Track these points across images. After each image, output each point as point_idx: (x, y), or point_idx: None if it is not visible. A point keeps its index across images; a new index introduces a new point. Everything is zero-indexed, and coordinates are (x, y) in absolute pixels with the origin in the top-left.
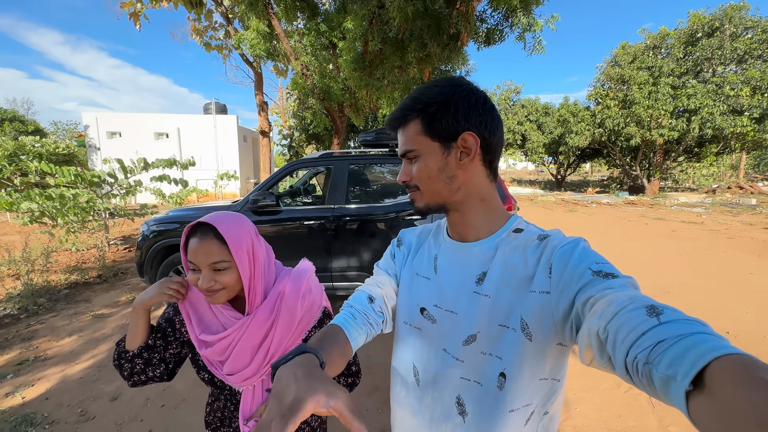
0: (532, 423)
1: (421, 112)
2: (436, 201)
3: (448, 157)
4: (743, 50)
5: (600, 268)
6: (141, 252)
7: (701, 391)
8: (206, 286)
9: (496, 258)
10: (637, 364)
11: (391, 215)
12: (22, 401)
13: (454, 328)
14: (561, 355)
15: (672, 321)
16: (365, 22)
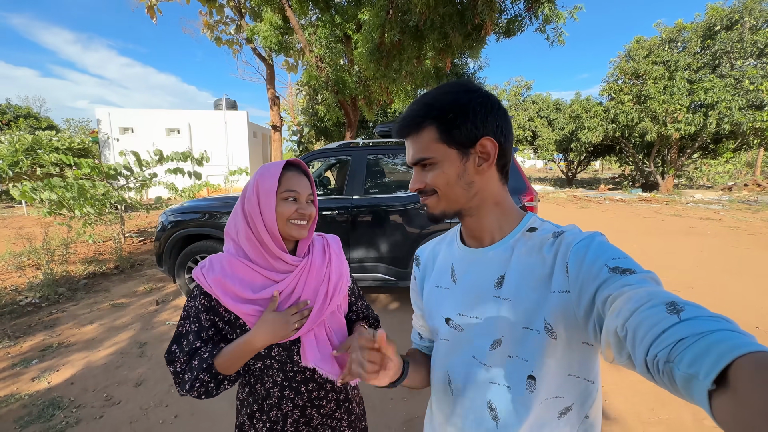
0: (570, 420)
1: (436, 119)
2: (453, 208)
3: (467, 163)
4: (764, 43)
5: (617, 263)
6: (159, 242)
7: (725, 390)
8: (309, 212)
9: (513, 260)
10: (657, 362)
11: (409, 206)
12: (48, 385)
13: (479, 334)
14: (588, 353)
15: (693, 318)
16: (383, 12)
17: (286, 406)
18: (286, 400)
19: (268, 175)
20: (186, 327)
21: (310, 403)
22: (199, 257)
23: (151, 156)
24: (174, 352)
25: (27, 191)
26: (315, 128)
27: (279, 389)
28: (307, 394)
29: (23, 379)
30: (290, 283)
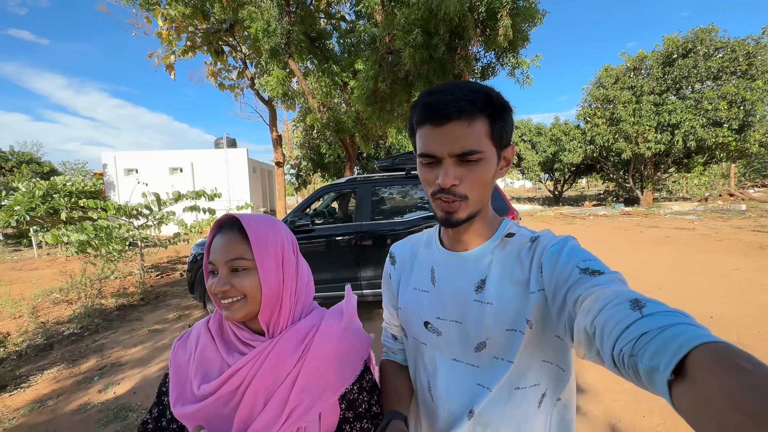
0: (546, 407)
1: (492, 113)
2: (477, 209)
3: (498, 164)
4: (716, 68)
5: (587, 265)
6: (191, 272)
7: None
8: (218, 289)
9: (493, 265)
10: (623, 356)
11: (407, 229)
12: (114, 395)
13: (461, 337)
14: (560, 346)
15: (654, 313)
16: (376, 65)
17: None
18: None
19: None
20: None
21: None
22: None
23: (169, 196)
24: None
25: (57, 234)
26: (312, 161)
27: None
28: None
29: (91, 392)
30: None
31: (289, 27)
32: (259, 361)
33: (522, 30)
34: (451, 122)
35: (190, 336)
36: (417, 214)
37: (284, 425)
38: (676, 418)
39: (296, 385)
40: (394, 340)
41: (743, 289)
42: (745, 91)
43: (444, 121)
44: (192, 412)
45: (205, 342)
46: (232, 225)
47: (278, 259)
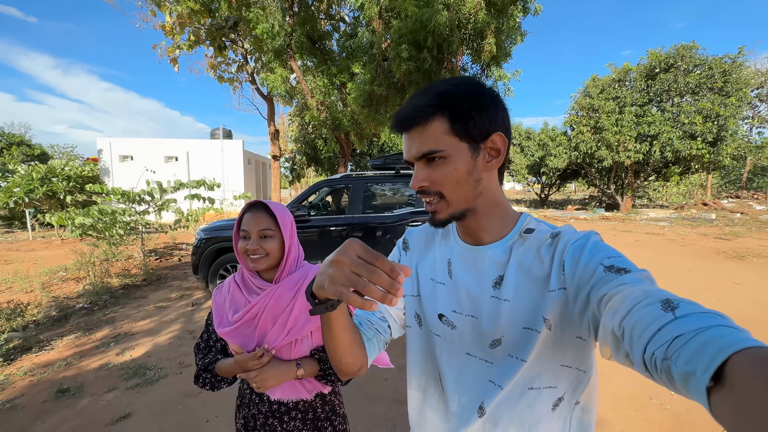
0: (563, 411)
1: (449, 110)
2: (462, 208)
3: (477, 158)
4: (695, 83)
5: (612, 262)
6: (196, 255)
7: (722, 386)
8: (253, 248)
9: (511, 261)
10: (655, 360)
11: (398, 223)
12: (131, 357)
13: (476, 332)
14: (582, 348)
15: (688, 315)
16: (373, 71)
17: (253, 408)
18: (253, 403)
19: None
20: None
21: (272, 414)
22: (229, 266)
23: (171, 183)
24: (198, 344)
25: (63, 217)
26: (307, 156)
27: (249, 392)
28: (267, 404)
29: (110, 355)
30: (256, 305)
31: (292, 29)
32: (267, 298)
33: (505, 47)
34: (411, 130)
35: (223, 286)
36: (405, 209)
37: (286, 338)
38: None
39: (293, 313)
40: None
41: (691, 288)
42: (719, 107)
43: (404, 129)
44: (229, 331)
45: (234, 288)
46: (260, 207)
47: (290, 230)
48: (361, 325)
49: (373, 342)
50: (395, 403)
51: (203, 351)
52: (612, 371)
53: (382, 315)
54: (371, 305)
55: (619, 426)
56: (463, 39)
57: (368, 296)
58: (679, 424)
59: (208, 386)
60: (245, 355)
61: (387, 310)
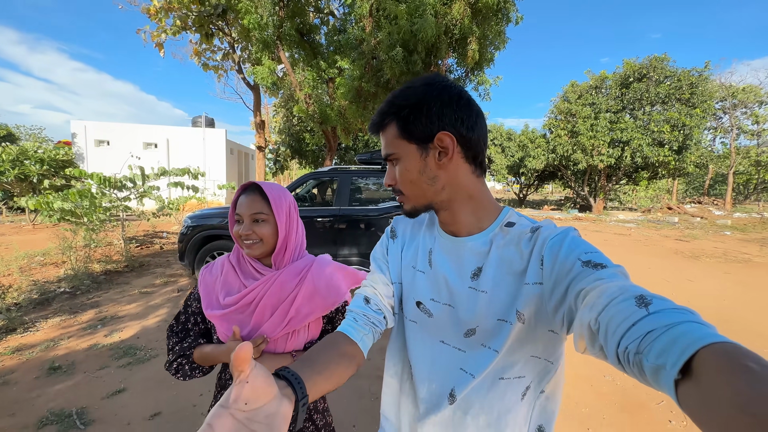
0: (529, 399)
1: (395, 116)
2: (421, 203)
3: (427, 158)
4: (664, 94)
5: (589, 258)
6: (183, 243)
7: (689, 378)
8: (245, 233)
9: (491, 253)
10: (628, 354)
11: (382, 216)
12: (119, 339)
13: (452, 321)
14: (553, 340)
15: (660, 311)
16: (362, 68)
17: None
18: None
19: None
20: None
21: None
22: (216, 253)
23: (154, 170)
24: (172, 326)
25: (41, 201)
26: (291, 148)
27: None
28: None
29: (98, 336)
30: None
31: (281, 21)
32: (268, 284)
33: (488, 53)
34: (378, 133)
35: (214, 266)
36: (389, 203)
37: (285, 328)
38: None
39: (295, 302)
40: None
41: (648, 283)
42: (685, 117)
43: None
44: (219, 314)
45: (228, 270)
46: (254, 189)
47: (287, 213)
48: (356, 320)
49: (368, 336)
50: (377, 379)
51: (179, 335)
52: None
53: (377, 307)
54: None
55: (575, 398)
56: (449, 44)
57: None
58: (626, 397)
59: (180, 374)
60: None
61: (381, 300)
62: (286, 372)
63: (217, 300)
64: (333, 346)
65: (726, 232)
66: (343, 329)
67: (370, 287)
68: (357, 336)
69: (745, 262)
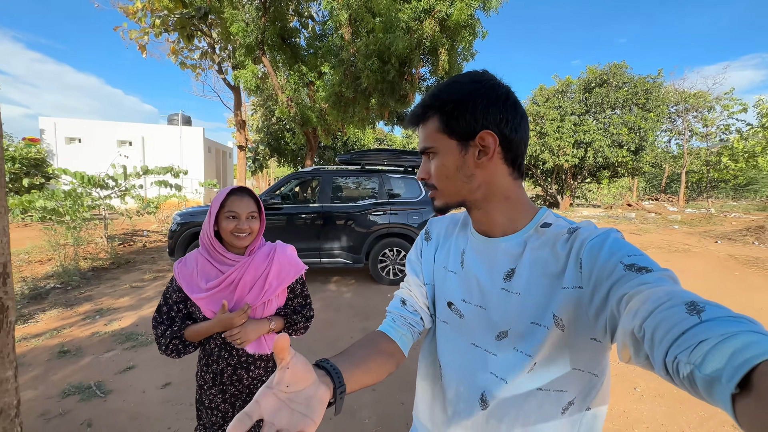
0: (573, 415)
1: (439, 110)
2: (455, 199)
3: (466, 155)
4: (623, 99)
5: (633, 261)
6: (173, 239)
7: (748, 393)
8: (243, 227)
9: (525, 255)
10: (677, 364)
11: (360, 212)
12: (119, 327)
13: (483, 323)
14: (596, 350)
15: (715, 318)
16: (341, 74)
17: (222, 363)
18: (222, 358)
19: (216, 199)
20: (164, 302)
21: (240, 365)
22: None
23: (137, 169)
24: (156, 318)
25: (23, 200)
26: (269, 146)
27: (218, 349)
28: (237, 357)
29: (98, 325)
30: (232, 274)
31: (264, 27)
32: (244, 267)
33: (457, 63)
34: (417, 126)
35: (187, 260)
36: (368, 201)
37: (262, 298)
38: None
39: (267, 278)
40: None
41: None
42: (641, 120)
43: (414, 128)
44: (205, 296)
45: (203, 261)
46: (245, 191)
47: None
48: (394, 321)
49: (407, 336)
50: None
51: (165, 323)
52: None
53: (413, 308)
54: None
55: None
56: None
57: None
58: None
59: (174, 353)
60: (231, 314)
61: (417, 301)
62: (325, 363)
63: (199, 286)
64: (372, 344)
65: (675, 226)
66: (382, 328)
67: (406, 289)
68: (395, 335)
69: (685, 252)
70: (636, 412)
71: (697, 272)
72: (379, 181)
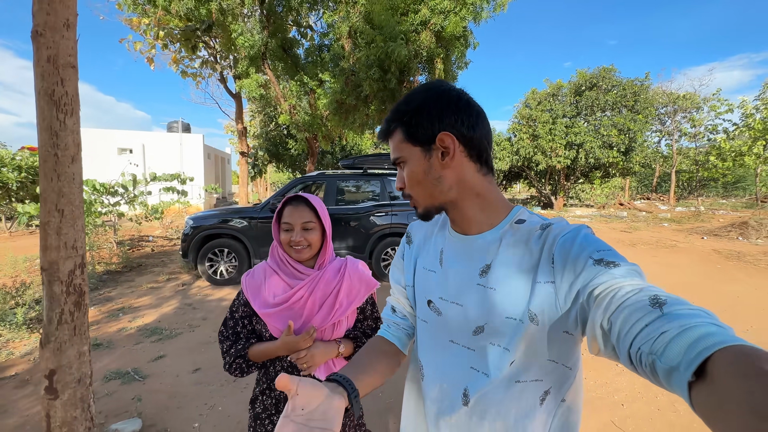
0: (549, 406)
1: (400, 122)
2: (432, 203)
3: (431, 159)
4: (612, 101)
5: (602, 256)
6: (186, 242)
7: (703, 380)
8: (297, 240)
9: (500, 250)
10: (640, 355)
11: (362, 213)
12: (143, 323)
13: (461, 319)
14: (568, 342)
15: (675, 311)
16: (341, 83)
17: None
18: None
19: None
20: (230, 315)
21: None
22: (217, 250)
23: (147, 177)
24: (222, 332)
25: (39, 208)
26: (268, 152)
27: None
28: None
29: (123, 322)
30: (301, 290)
31: (267, 39)
32: (314, 282)
33: (452, 71)
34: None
35: (255, 272)
36: (369, 203)
37: (331, 318)
38: None
39: (339, 296)
40: (392, 312)
41: None
42: (630, 122)
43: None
44: (272, 312)
45: (270, 274)
46: (300, 200)
47: (329, 222)
48: (389, 327)
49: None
50: None
51: (230, 339)
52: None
53: (402, 314)
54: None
55: None
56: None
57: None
58: None
59: (238, 372)
60: (296, 336)
61: (404, 307)
62: (335, 375)
63: (266, 300)
64: (373, 348)
65: (664, 224)
66: (380, 333)
67: (394, 296)
68: (392, 338)
69: (672, 248)
70: (616, 383)
71: (682, 266)
72: (380, 184)
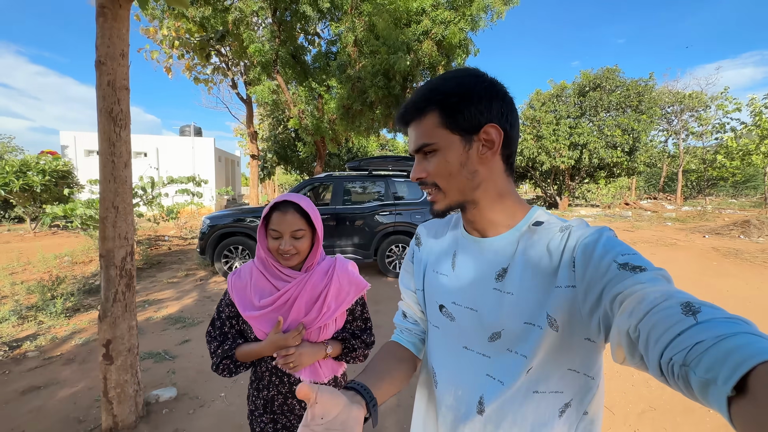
0: (570, 418)
1: (439, 104)
2: (458, 199)
3: (470, 150)
4: (616, 102)
5: (627, 260)
6: (204, 240)
7: (744, 396)
8: (287, 248)
9: (517, 253)
10: (672, 366)
11: (368, 213)
12: (167, 313)
13: (475, 325)
14: (590, 350)
15: (711, 320)
16: (348, 89)
17: (273, 390)
18: (273, 384)
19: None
20: (217, 316)
21: (292, 394)
22: (232, 247)
23: (164, 180)
24: (210, 332)
25: (67, 209)
26: (277, 155)
27: (269, 374)
28: (288, 385)
29: (148, 312)
30: (288, 292)
31: (278, 48)
32: (301, 284)
33: None
34: (410, 125)
35: (242, 272)
36: (375, 203)
37: (318, 321)
38: None
39: (327, 299)
40: (403, 317)
41: None
42: (634, 122)
43: (405, 126)
44: (257, 315)
45: (257, 275)
46: (289, 206)
47: (320, 226)
48: (401, 332)
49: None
50: None
51: (218, 339)
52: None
53: (414, 320)
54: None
55: None
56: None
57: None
58: None
59: (226, 372)
60: (285, 334)
61: (415, 312)
62: (354, 384)
63: (252, 302)
64: (389, 354)
65: (668, 223)
66: (394, 338)
67: (405, 301)
68: (406, 343)
69: (671, 246)
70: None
71: (678, 262)
72: (385, 185)
